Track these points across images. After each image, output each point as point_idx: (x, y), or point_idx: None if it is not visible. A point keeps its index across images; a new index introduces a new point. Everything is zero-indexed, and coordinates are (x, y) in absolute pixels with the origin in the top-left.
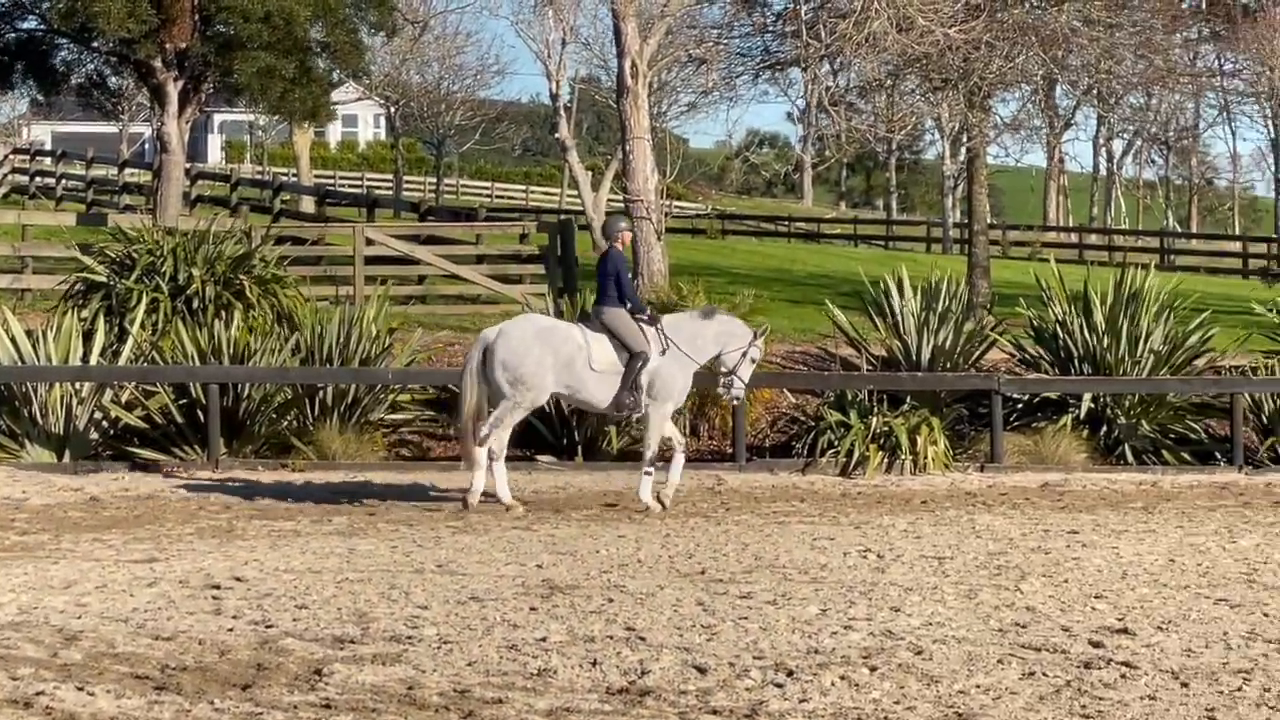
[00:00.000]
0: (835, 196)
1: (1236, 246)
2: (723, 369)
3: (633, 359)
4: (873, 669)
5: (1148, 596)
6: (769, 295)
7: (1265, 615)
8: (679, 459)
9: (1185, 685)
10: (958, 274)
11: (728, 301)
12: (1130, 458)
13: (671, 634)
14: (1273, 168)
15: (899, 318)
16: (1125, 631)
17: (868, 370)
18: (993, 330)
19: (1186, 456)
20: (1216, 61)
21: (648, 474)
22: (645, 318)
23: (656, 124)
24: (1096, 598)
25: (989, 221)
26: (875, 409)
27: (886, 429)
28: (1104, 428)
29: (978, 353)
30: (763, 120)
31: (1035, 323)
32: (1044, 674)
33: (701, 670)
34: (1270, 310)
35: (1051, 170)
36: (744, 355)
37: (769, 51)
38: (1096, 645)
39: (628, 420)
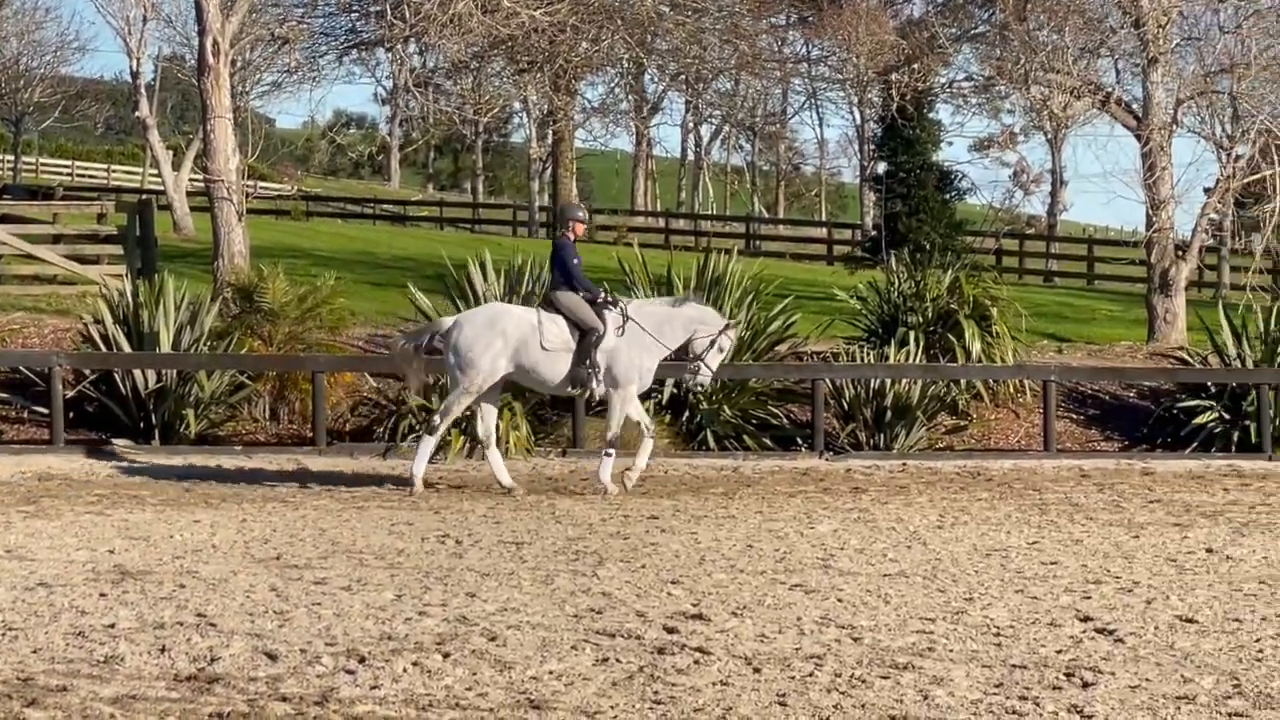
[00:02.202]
0: (423, 179)
1: (822, 233)
2: (690, 356)
3: (584, 336)
4: (446, 655)
5: (724, 582)
6: (352, 278)
7: (840, 601)
8: (647, 444)
9: (758, 671)
10: (541, 258)
11: (309, 284)
12: (712, 443)
13: (243, 620)
14: (858, 154)
15: (481, 301)
16: (700, 617)
17: None
18: None
19: (768, 442)
20: (804, 48)
21: (608, 455)
22: (600, 301)
23: (239, 103)
24: (673, 583)
25: None
26: None
27: (468, 414)
28: (686, 413)
29: None
30: (350, 101)
31: None
32: (617, 660)
33: (272, 657)
34: (853, 297)
35: (639, 155)
36: (712, 344)
37: (354, 31)
38: (671, 631)
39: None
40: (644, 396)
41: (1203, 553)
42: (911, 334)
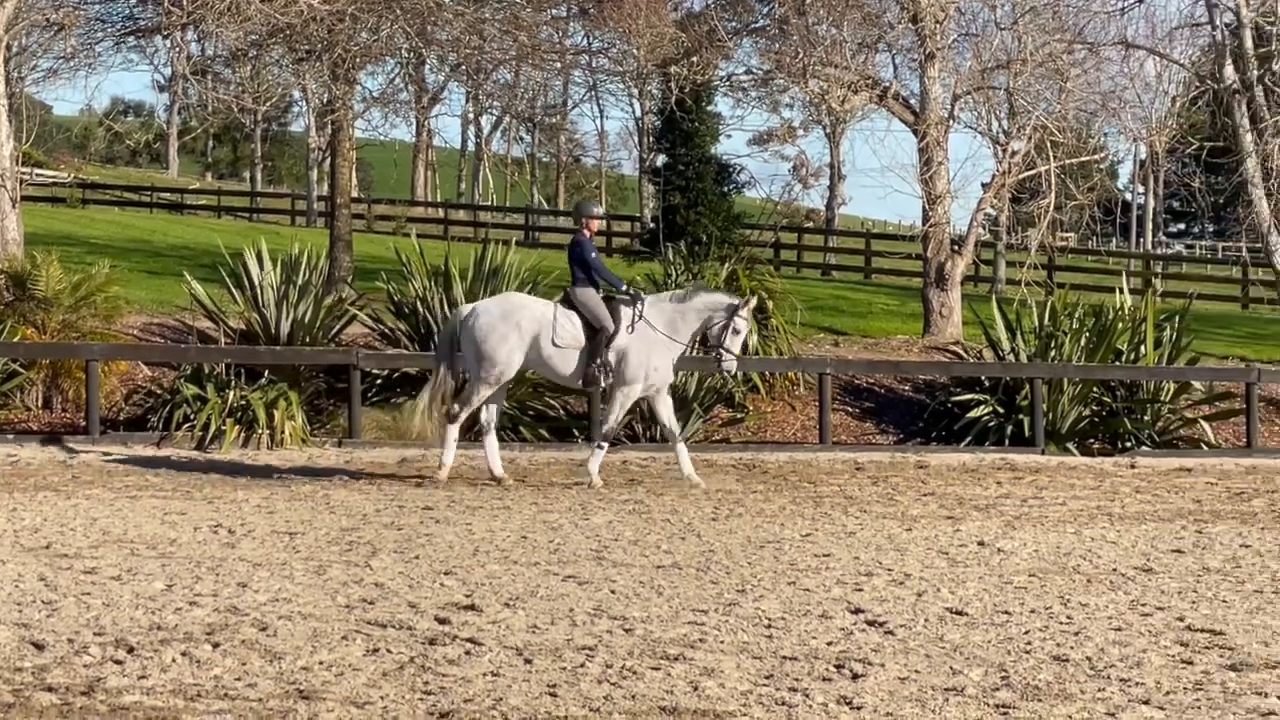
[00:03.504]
0: (201, 167)
1: (602, 225)
2: (711, 345)
3: (596, 335)
4: (215, 645)
5: (497, 573)
6: (128, 266)
7: (613, 592)
8: (680, 449)
9: (529, 662)
10: (320, 248)
11: (84, 272)
12: None
13: (10, 610)
14: (638, 147)
15: (258, 291)
16: (473, 608)
17: (225, 343)
18: (353, 304)
19: (545, 434)
20: (584, 39)
21: (600, 448)
22: (624, 293)
23: (14, 89)
24: (446, 574)
25: (355, 196)
26: (233, 383)
27: (244, 403)
28: None
29: (338, 327)
30: (128, 88)
31: (395, 297)
32: (388, 650)
33: (39, 646)
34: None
35: (419, 145)
36: (727, 328)
37: (131, 18)
38: (443, 622)
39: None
40: (422, 383)
41: (974, 546)
42: None
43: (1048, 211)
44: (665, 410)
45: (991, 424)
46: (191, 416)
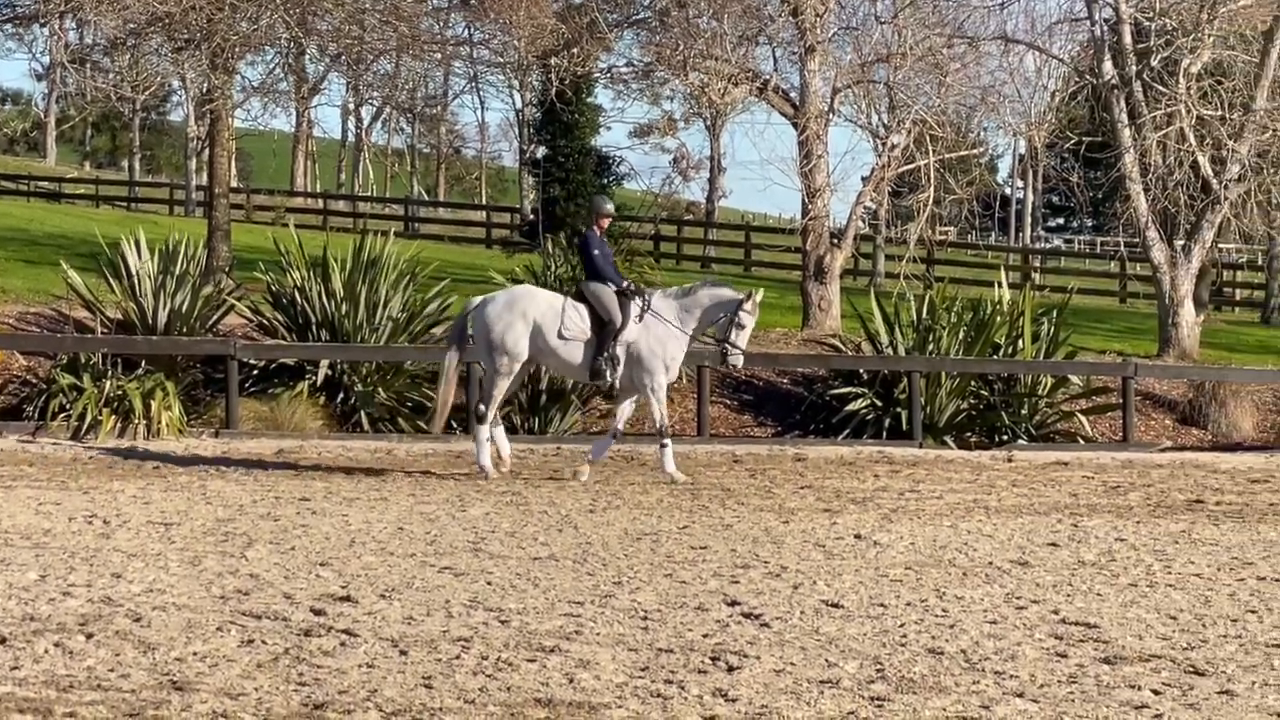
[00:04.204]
0: (80, 156)
1: (481, 216)
2: (716, 339)
3: (604, 328)
4: (89, 636)
5: (374, 565)
6: (4, 255)
7: (489, 584)
8: (608, 441)
9: (404, 653)
10: (198, 237)
11: None
12: (367, 425)
13: None
14: (518, 138)
15: (136, 280)
16: (348, 599)
17: (102, 333)
18: (231, 295)
19: (422, 425)
20: (465, 30)
21: (664, 446)
22: (625, 290)
23: None
24: (322, 565)
25: (235, 185)
26: (110, 372)
27: (120, 393)
28: (341, 394)
29: (215, 317)
30: (5, 76)
31: (274, 288)
32: (263, 641)
33: None
34: (509, 280)
35: (299, 135)
36: (732, 322)
37: (9, 5)
38: (318, 613)
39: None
40: (300, 374)
41: (851, 539)
42: None
43: (927, 205)
44: (630, 408)
45: (869, 417)
46: (67, 406)
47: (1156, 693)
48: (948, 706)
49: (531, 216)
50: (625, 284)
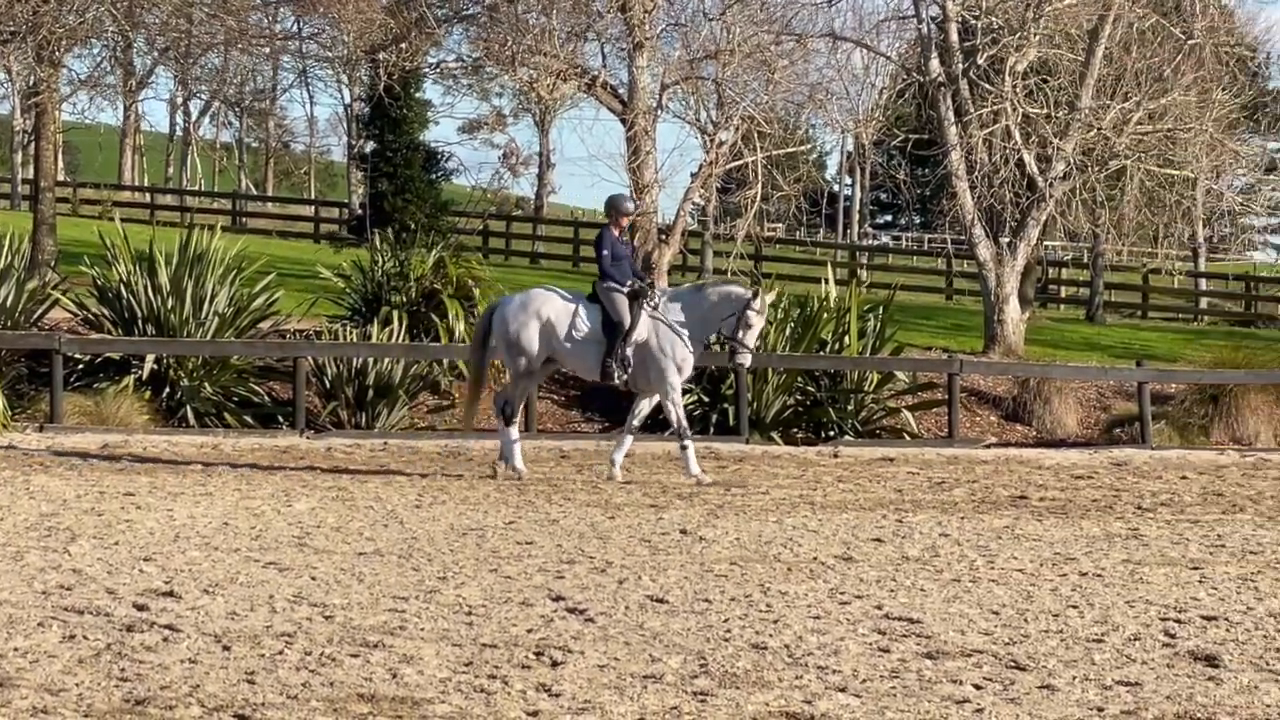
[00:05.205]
0: None
1: (310, 211)
2: (724, 337)
3: (614, 329)
4: None
5: (198, 560)
6: None
7: (313, 579)
8: (626, 440)
9: (227, 649)
10: (23, 231)
11: None
12: (193, 420)
13: None
14: (347, 133)
15: None
16: (172, 594)
17: None
18: (57, 289)
19: (249, 420)
20: (294, 24)
21: (684, 448)
22: (628, 290)
23: None
24: (146, 560)
25: (61, 179)
26: None
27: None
28: (167, 389)
29: (40, 311)
30: None
31: (99, 282)
32: (85, 637)
33: None
34: (337, 275)
35: (127, 129)
36: (739, 321)
37: None
38: (141, 608)
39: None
40: (126, 369)
41: (677, 534)
42: (395, 313)
43: (754, 202)
44: (648, 406)
45: (696, 412)
46: None
47: (978, 687)
48: (770, 701)
49: (360, 211)
50: (630, 284)
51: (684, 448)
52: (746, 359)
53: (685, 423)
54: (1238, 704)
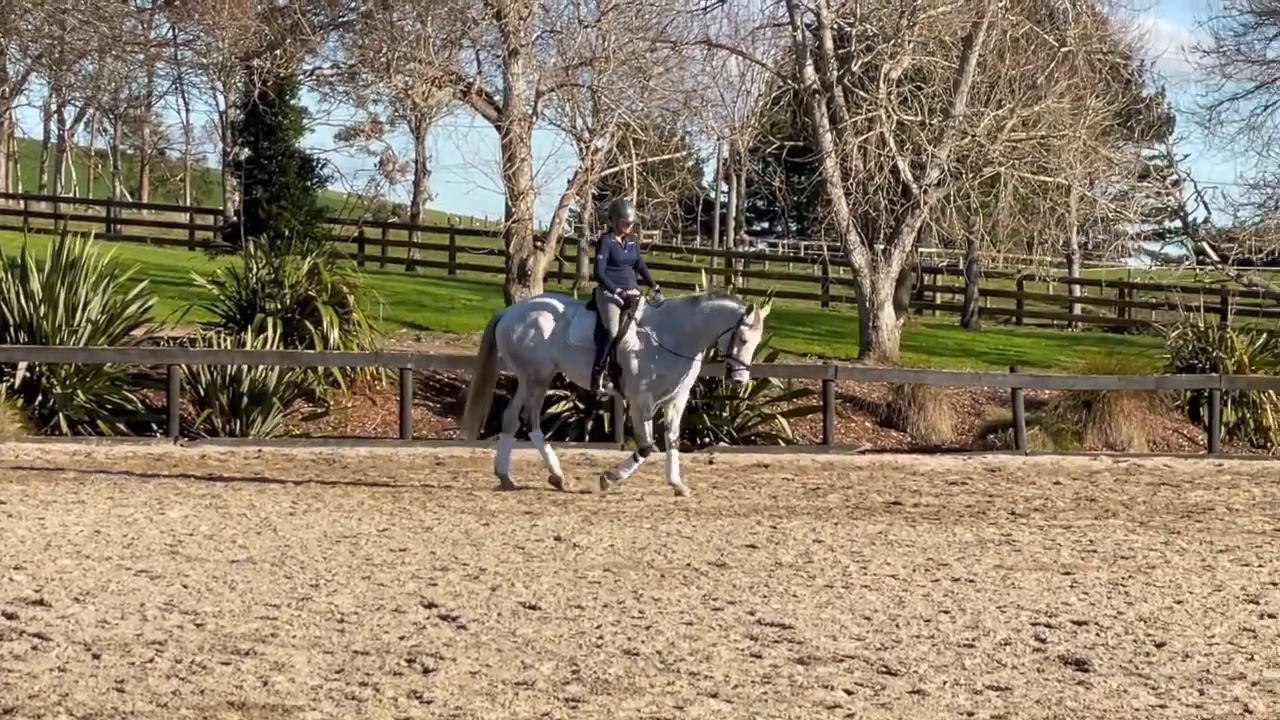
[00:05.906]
0: None
1: (185, 218)
2: (720, 353)
3: (603, 337)
4: None
5: (69, 568)
6: None
7: (185, 587)
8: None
9: (97, 657)
10: None
11: None
12: (65, 428)
13: None
14: (222, 140)
15: None
16: (42, 603)
17: None
18: None
19: (122, 427)
20: (169, 31)
21: (636, 460)
22: (618, 297)
23: None
24: (16, 569)
25: None
26: None
27: None
28: (40, 397)
29: None
30: None
31: None
32: None
33: None
34: (211, 282)
35: (0, 135)
36: (733, 337)
37: None
38: (10, 617)
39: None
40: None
41: (551, 540)
42: (270, 320)
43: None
44: (674, 415)
45: (572, 420)
46: None
47: (849, 693)
48: (642, 707)
49: (235, 219)
50: (618, 292)
51: (635, 459)
52: (744, 376)
53: (649, 440)
54: (1107, 708)
